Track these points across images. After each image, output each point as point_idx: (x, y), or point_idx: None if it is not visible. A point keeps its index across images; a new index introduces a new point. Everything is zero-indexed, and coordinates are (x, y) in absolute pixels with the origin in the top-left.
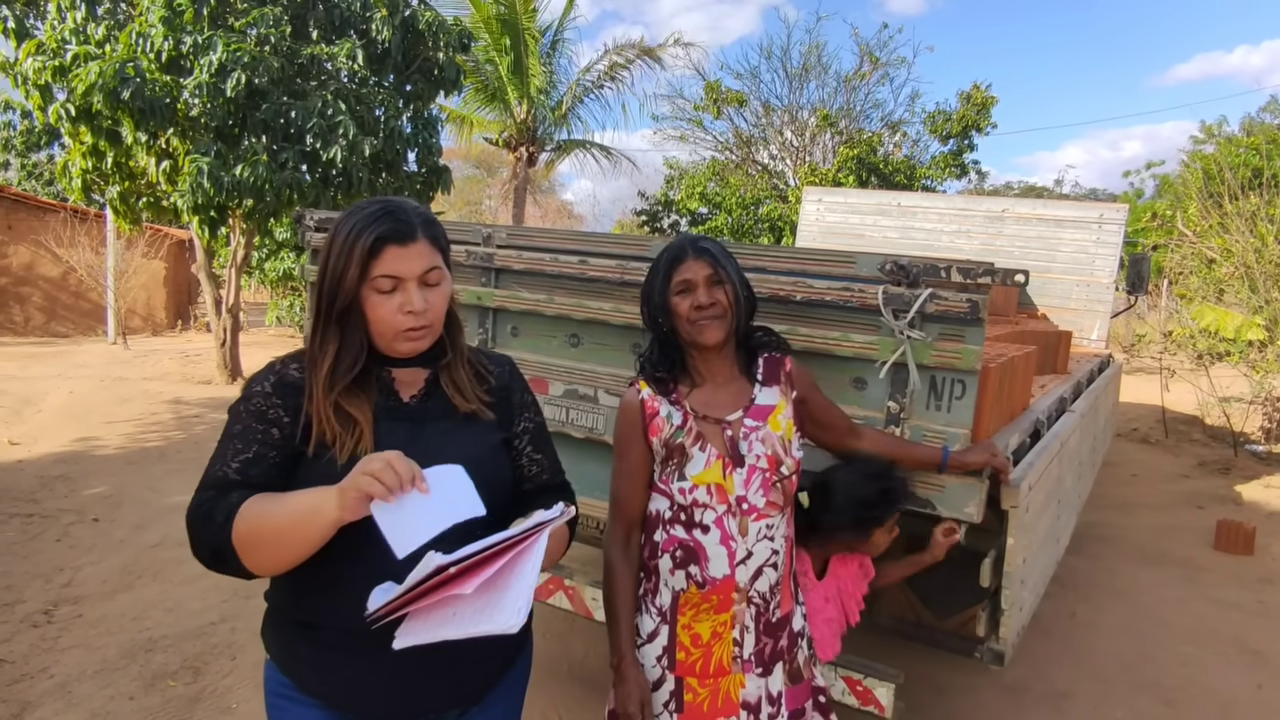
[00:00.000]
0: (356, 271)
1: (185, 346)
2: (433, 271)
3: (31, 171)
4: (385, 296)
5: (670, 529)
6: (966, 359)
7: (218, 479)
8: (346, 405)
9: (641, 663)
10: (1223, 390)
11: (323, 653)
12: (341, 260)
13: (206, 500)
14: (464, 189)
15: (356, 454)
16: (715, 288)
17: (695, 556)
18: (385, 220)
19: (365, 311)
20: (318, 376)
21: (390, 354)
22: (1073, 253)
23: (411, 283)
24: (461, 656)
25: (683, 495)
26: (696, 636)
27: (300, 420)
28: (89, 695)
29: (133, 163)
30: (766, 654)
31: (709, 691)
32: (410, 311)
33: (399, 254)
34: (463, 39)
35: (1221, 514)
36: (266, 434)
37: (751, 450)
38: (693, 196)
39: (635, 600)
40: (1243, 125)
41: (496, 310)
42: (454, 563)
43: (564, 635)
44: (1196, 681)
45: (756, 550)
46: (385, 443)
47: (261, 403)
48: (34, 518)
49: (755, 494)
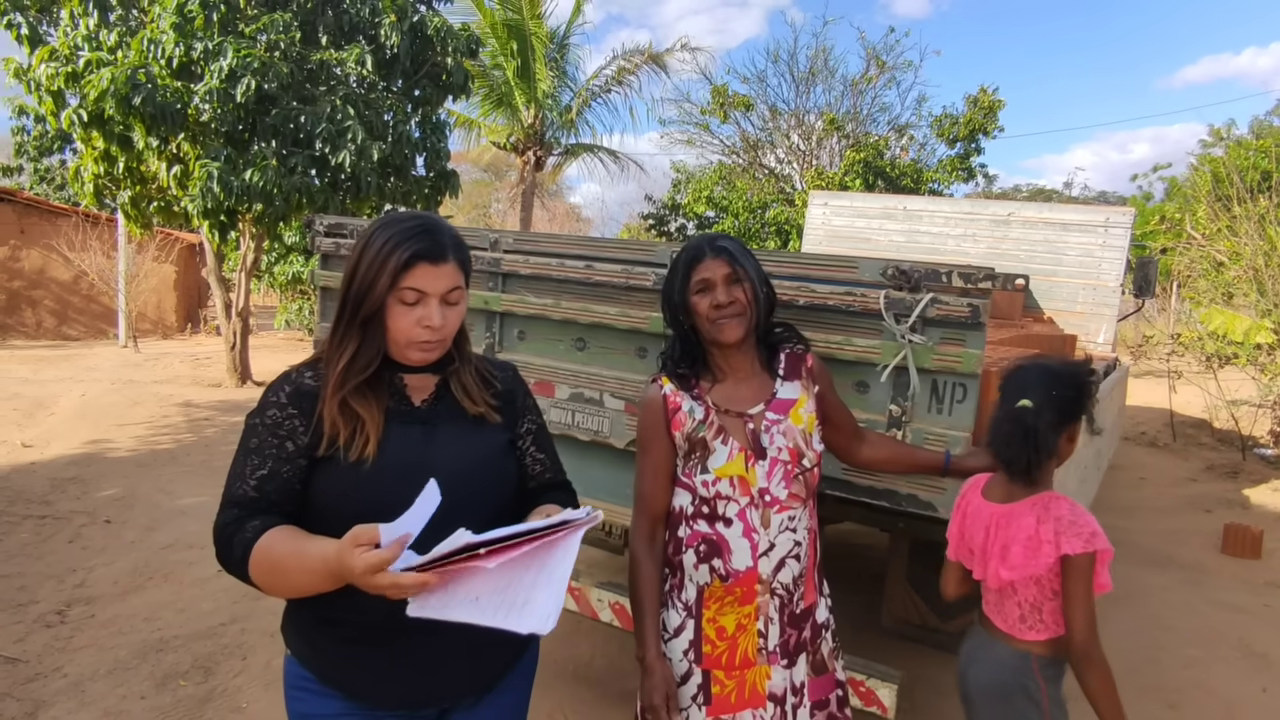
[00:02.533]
0: (387, 282)
1: (195, 350)
2: (454, 291)
3: (44, 176)
4: (408, 308)
5: (694, 524)
6: (967, 363)
7: (238, 497)
8: (355, 404)
9: (669, 657)
10: (1231, 393)
11: (343, 646)
12: (374, 269)
13: (230, 523)
14: (472, 193)
15: (364, 455)
16: (734, 286)
17: (719, 550)
18: (422, 238)
19: (386, 319)
20: (332, 373)
21: (402, 361)
22: (1079, 256)
23: (434, 299)
24: (479, 645)
25: (705, 488)
26: (722, 629)
27: (314, 425)
28: (101, 694)
29: (144, 167)
30: (791, 645)
31: (735, 683)
32: (428, 326)
33: (429, 271)
34: (470, 44)
35: (1229, 518)
36: (281, 448)
37: (773, 443)
38: (700, 200)
39: (660, 595)
40: (1252, 128)
41: (503, 314)
42: (484, 543)
43: (570, 636)
44: (1201, 685)
45: (779, 542)
46: (397, 444)
47: (277, 414)
48: (47, 519)
49: (777, 486)
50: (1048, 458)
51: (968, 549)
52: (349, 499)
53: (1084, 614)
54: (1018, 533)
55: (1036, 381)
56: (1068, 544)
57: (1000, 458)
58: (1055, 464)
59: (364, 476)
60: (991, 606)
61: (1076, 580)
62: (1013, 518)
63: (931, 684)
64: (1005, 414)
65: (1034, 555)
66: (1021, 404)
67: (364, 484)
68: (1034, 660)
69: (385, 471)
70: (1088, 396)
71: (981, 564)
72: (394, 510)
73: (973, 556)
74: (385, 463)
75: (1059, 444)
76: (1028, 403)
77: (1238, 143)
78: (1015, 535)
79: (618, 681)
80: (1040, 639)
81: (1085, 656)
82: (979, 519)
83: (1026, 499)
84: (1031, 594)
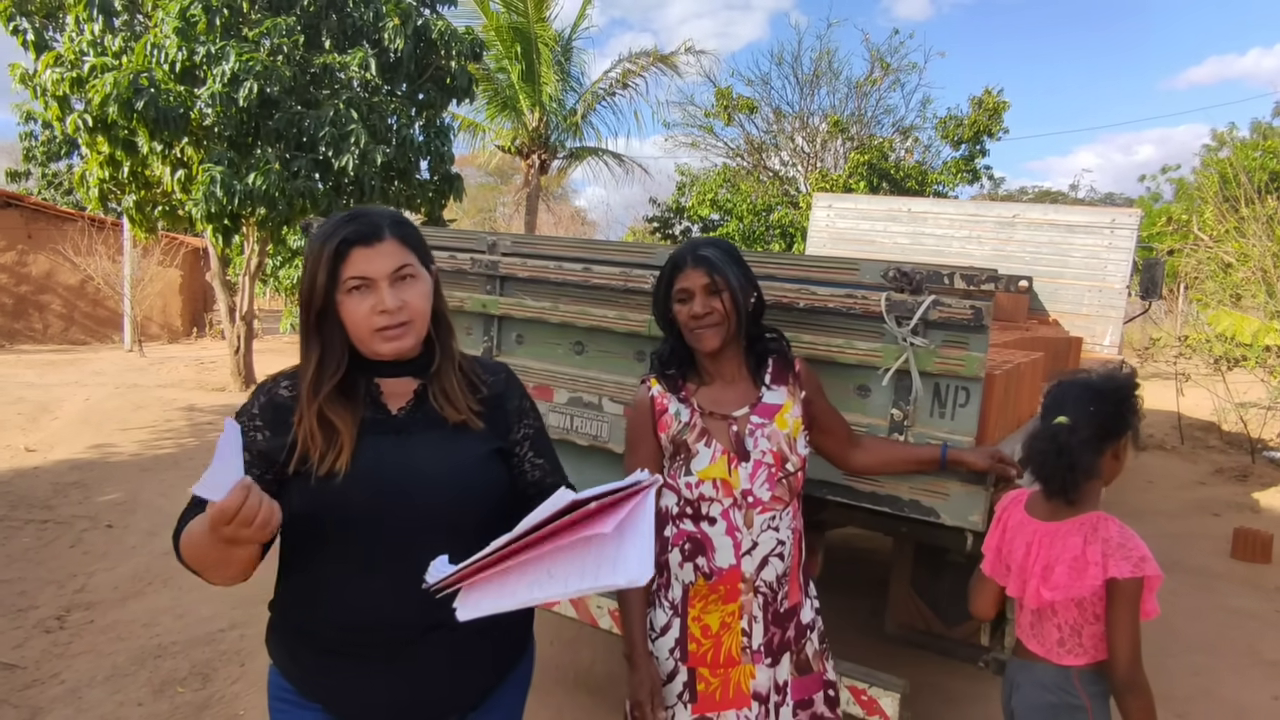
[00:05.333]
0: (325, 276)
1: (200, 353)
2: (403, 268)
3: (51, 181)
4: (358, 299)
5: (679, 523)
6: (970, 366)
7: (192, 499)
8: (330, 414)
9: (656, 656)
10: (1239, 396)
11: (323, 658)
12: (313, 267)
13: (182, 515)
14: (477, 197)
15: (335, 469)
16: (712, 296)
17: (702, 548)
18: (350, 224)
19: (341, 316)
20: (304, 385)
21: (374, 357)
22: (1085, 258)
23: (382, 282)
24: (462, 661)
25: (689, 489)
26: (706, 628)
27: (286, 438)
28: (99, 701)
29: (148, 172)
30: (775, 644)
31: (720, 681)
32: (383, 311)
33: (365, 254)
34: (474, 48)
35: (1238, 521)
36: (248, 451)
37: (757, 446)
38: (704, 203)
39: (647, 594)
40: (1253, 129)
41: (501, 318)
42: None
43: (571, 643)
44: (1210, 693)
45: (762, 540)
46: (369, 456)
47: (246, 423)
48: (49, 524)
49: (760, 488)
50: (1087, 478)
51: (1005, 565)
52: (315, 514)
53: (1129, 641)
54: (1062, 552)
55: (1075, 397)
56: (1116, 567)
57: (1036, 476)
58: (1100, 484)
59: (333, 491)
60: (1026, 629)
61: (1123, 605)
62: (1057, 536)
63: (936, 691)
64: (1041, 431)
65: (1079, 577)
66: (1058, 421)
67: (332, 498)
68: (1075, 675)
69: (354, 484)
70: (1132, 412)
71: (1019, 582)
72: (362, 524)
73: (1009, 573)
74: (356, 475)
75: (1100, 463)
76: (1064, 420)
77: (1244, 144)
78: (1059, 555)
79: (617, 688)
80: (1079, 664)
81: (1131, 684)
82: (1020, 535)
83: (1073, 518)
84: (1072, 616)
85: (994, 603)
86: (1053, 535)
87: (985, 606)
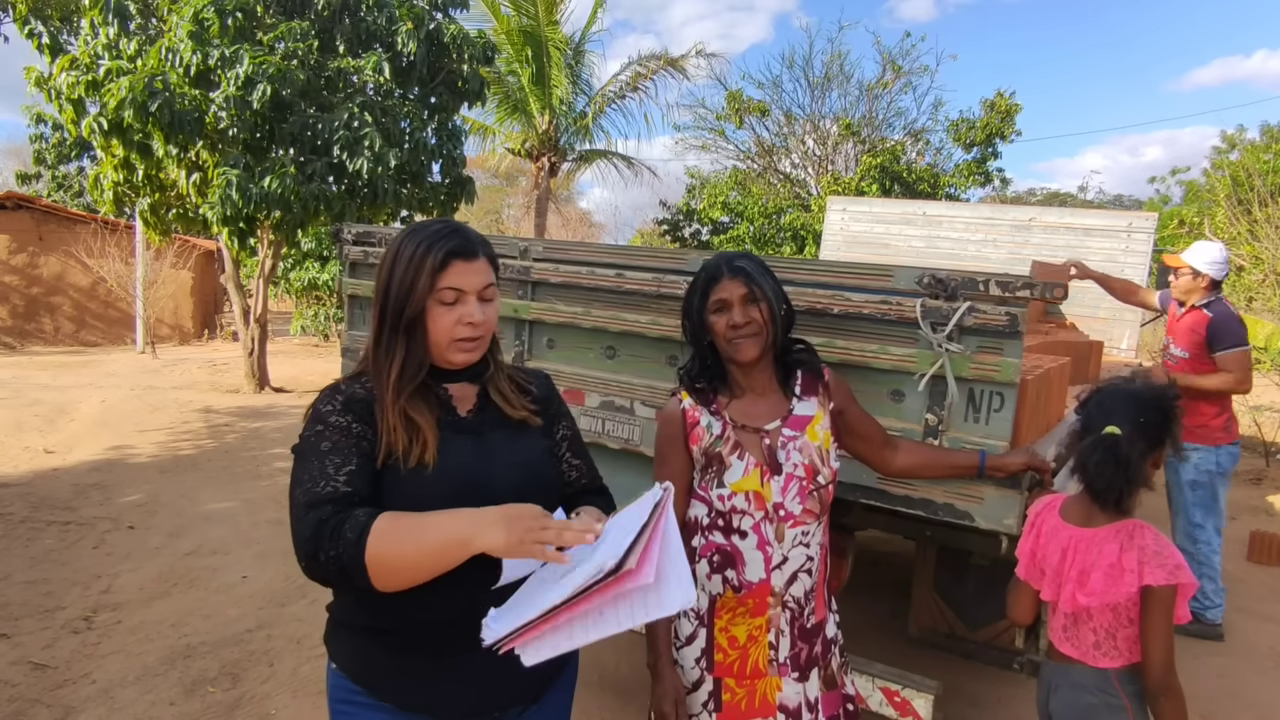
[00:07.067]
0: (427, 283)
1: (212, 355)
2: (489, 288)
3: (61, 183)
4: (447, 309)
5: (708, 534)
6: (1005, 372)
7: (329, 494)
8: (413, 413)
9: (681, 665)
10: (1253, 399)
11: (396, 657)
12: (410, 273)
13: (328, 516)
14: (485, 198)
15: (424, 461)
16: (750, 306)
17: (732, 561)
18: (453, 238)
19: (427, 322)
20: (387, 383)
21: (445, 365)
22: (1101, 261)
23: (472, 296)
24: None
25: (721, 502)
26: (734, 639)
27: (373, 431)
28: (131, 701)
29: (163, 175)
30: (803, 659)
31: (746, 692)
32: (470, 323)
33: (464, 269)
34: (486, 51)
35: (1254, 525)
36: (359, 445)
37: (789, 459)
38: (715, 205)
39: None
40: (1262, 132)
41: (533, 322)
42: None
43: (596, 645)
44: (1235, 695)
45: (792, 555)
46: (451, 453)
47: (341, 419)
48: (71, 525)
49: (792, 501)
50: (1138, 487)
51: (1039, 570)
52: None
53: (1163, 646)
54: (1099, 559)
55: (1123, 407)
56: (1151, 575)
57: (1091, 488)
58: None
59: (424, 482)
60: (1060, 633)
61: (1157, 612)
62: (1094, 543)
63: (961, 694)
64: (1094, 443)
65: (1115, 583)
66: (1108, 431)
67: (424, 489)
68: (1115, 676)
69: (444, 480)
70: (1174, 421)
71: (1054, 587)
72: None
73: (1043, 577)
74: (444, 471)
75: (1148, 471)
76: (1115, 430)
77: (1253, 146)
78: (1096, 561)
79: (643, 690)
80: (1114, 666)
81: (1164, 688)
82: (1055, 540)
83: (1110, 525)
84: (1107, 620)
85: (1031, 608)
86: (1089, 541)
87: (1023, 612)
